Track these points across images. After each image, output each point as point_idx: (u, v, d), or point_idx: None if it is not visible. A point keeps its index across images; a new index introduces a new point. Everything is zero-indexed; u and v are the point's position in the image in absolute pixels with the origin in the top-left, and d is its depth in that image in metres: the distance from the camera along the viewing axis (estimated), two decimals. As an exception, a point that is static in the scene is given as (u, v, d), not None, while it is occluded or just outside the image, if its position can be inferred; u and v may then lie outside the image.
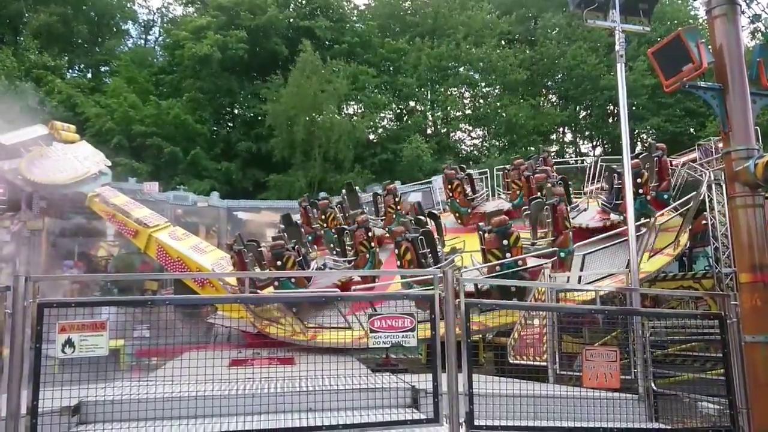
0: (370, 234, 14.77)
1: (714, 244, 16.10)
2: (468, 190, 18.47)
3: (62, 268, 23.21)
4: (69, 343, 5.04)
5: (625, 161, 9.42)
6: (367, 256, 14.48)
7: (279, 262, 13.60)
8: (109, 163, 23.44)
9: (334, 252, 16.24)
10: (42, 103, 31.89)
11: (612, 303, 12.46)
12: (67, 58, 40.22)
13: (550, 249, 12.10)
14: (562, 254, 12.07)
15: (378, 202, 19.42)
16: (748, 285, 6.51)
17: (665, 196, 14.88)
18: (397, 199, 18.40)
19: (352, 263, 14.71)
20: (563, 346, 9.25)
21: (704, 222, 16.89)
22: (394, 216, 17.84)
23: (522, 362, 9.56)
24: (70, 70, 40.97)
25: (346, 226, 16.41)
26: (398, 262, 12.98)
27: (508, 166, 19.37)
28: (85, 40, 41.32)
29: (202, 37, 35.96)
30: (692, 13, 42.71)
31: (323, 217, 18.37)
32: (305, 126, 33.28)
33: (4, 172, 20.51)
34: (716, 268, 15.93)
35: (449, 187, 18.59)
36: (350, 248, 15.17)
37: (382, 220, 18.43)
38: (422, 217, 15.74)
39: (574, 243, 12.31)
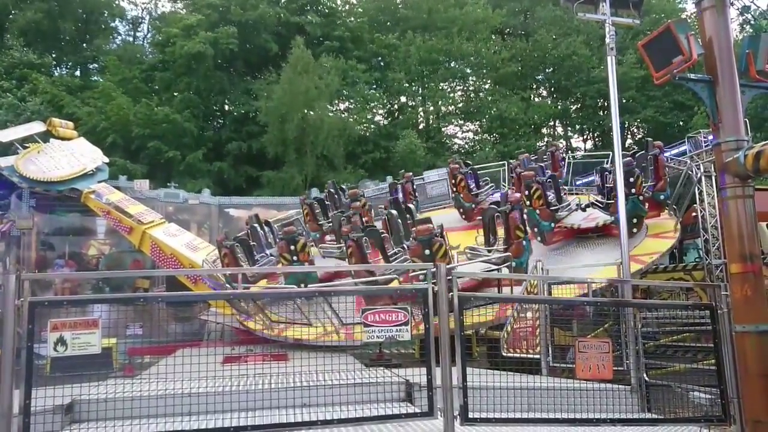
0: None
1: (704, 235, 16.21)
2: (472, 185, 18.25)
3: (53, 267, 23.09)
4: (61, 341, 5.00)
5: (616, 154, 9.48)
6: None
7: (292, 247, 13.47)
8: (107, 160, 23.35)
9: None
10: (23, 100, 31.61)
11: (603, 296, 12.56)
12: (54, 55, 39.85)
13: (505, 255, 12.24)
14: (514, 264, 12.07)
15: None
16: (739, 275, 6.55)
17: (661, 197, 14.64)
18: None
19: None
20: (556, 339, 9.30)
21: (694, 214, 17.00)
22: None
23: (515, 355, 9.60)
24: (58, 68, 40.61)
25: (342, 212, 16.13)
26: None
27: (513, 162, 19.24)
28: (72, 38, 40.91)
29: (192, 35, 35.70)
30: (680, 6, 42.93)
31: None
32: (298, 123, 33.19)
33: (0, 170, 20.39)
34: (706, 259, 16.05)
35: (453, 182, 18.39)
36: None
37: None
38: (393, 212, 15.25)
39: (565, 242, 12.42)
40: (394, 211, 15.07)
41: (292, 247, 13.46)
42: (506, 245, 12.48)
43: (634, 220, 13.33)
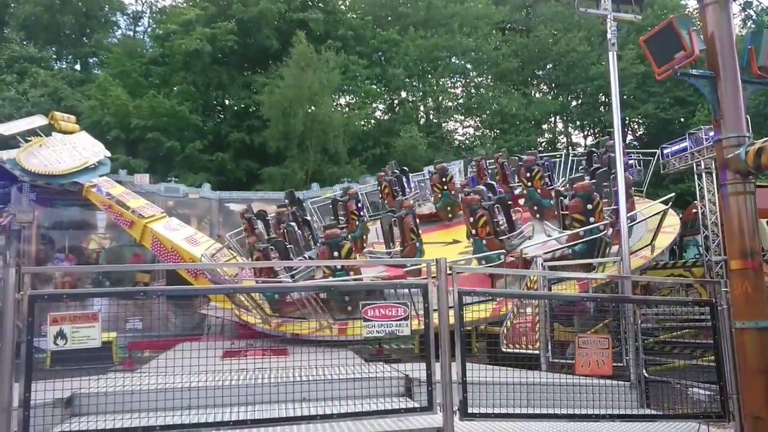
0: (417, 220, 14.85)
1: (704, 232, 16.22)
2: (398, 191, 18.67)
3: (53, 260, 23.12)
4: (61, 334, 5.00)
5: (617, 151, 9.46)
6: (417, 244, 14.27)
7: (336, 253, 12.19)
8: (109, 154, 23.34)
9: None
10: (25, 94, 31.57)
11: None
12: (54, 49, 39.71)
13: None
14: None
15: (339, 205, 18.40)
16: (739, 272, 6.54)
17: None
18: (444, 179, 18.16)
19: (402, 252, 14.28)
20: (555, 334, 9.31)
21: (694, 211, 17.01)
22: (440, 195, 17.93)
23: (515, 350, 9.61)
24: (58, 62, 40.49)
25: (392, 212, 15.50)
26: (473, 230, 13.01)
27: (431, 168, 19.75)
28: (72, 31, 40.78)
29: (191, 30, 35.56)
30: (682, 1, 42.75)
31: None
32: (303, 118, 33.10)
33: (2, 162, 20.41)
34: (706, 256, 16.07)
35: (380, 189, 18.87)
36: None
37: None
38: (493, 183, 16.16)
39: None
40: (482, 187, 15.32)
41: (336, 254, 12.14)
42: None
43: None
